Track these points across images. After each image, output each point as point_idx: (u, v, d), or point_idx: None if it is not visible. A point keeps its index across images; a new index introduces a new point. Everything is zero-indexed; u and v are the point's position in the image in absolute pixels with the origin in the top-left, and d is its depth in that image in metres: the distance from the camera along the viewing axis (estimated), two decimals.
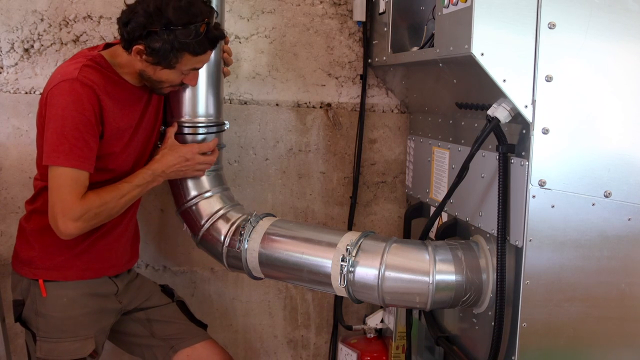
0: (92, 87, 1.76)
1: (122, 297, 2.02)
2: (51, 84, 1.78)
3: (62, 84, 1.74)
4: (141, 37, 1.74)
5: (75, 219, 1.74)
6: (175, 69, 1.81)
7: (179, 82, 1.88)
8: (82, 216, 1.74)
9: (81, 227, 1.76)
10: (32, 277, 1.90)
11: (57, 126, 1.73)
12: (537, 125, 1.57)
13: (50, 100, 1.75)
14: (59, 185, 1.74)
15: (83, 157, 1.74)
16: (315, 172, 2.53)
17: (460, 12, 1.59)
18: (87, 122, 1.74)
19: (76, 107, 1.73)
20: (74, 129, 1.72)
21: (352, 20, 2.45)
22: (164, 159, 1.93)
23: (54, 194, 1.75)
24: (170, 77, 1.84)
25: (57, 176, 1.74)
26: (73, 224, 1.74)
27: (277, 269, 1.93)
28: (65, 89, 1.73)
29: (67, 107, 1.72)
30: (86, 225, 1.78)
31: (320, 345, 2.66)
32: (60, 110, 1.73)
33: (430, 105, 2.21)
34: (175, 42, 1.73)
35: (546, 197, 1.59)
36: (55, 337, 1.88)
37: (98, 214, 1.79)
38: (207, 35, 1.78)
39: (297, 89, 2.47)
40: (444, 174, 2.03)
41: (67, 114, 1.72)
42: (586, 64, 1.58)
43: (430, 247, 1.79)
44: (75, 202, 1.74)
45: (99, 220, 1.82)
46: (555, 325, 1.66)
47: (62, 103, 1.73)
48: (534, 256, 1.61)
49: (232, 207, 2.07)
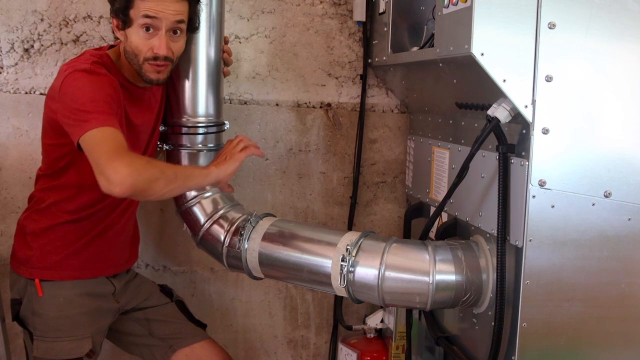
0: (108, 76, 1.75)
1: (119, 297, 2.02)
2: (62, 75, 1.73)
3: (75, 73, 1.71)
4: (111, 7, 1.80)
5: (125, 162, 1.56)
6: (133, 23, 1.76)
7: (147, 48, 1.77)
8: (133, 160, 1.58)
9: (135, 173, 1.56)
10: (28, 277, 1.90)
11: (79, 103, 1.65)
12: (537, 125, 1.57)
13: (65, 88, 1.70)
14: (96, 143, 1.60)
15: (111, 120, 1.65)
16: (315, 172, 2.53)
17: (460, 12, 1.59)
18: (108, 95, 1.70)
19: (95, 84, 1.70)
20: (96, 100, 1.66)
21: (352, 20, 2.45)
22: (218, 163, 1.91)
23: (94, 151, 1.60)
24: (135, 39, 1.77)
25: (92, 137, 1.61)
26: (125, 166, 1.55)
27: (277, 269, 1.93)
28: (80, 75, 1.71)
29: (85, 87, 1.68)
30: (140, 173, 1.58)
31: (320, 345, 2.65)
32: (79, 91, 1.68)
33: (430, 105, 2.20)
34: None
35: (546, 197, 1.59)
36: (52, 336, 1.88)
37: (149, 163, 1.65)
38: None
39: (297, 89, 2.47)
40: (444, 174, 2.03)
41: (86, 91, 1.68)
42: (586, 64, 1.58)
43: (430, 247, 1.79)
44: (121, 148, 1.59)
45: (153, 173, 1.62)
46: (555, 325, 1.65)
47: (79, 85, 1.69)
48: (534, 256, 1.61)
49: (232, 207, 2.07)
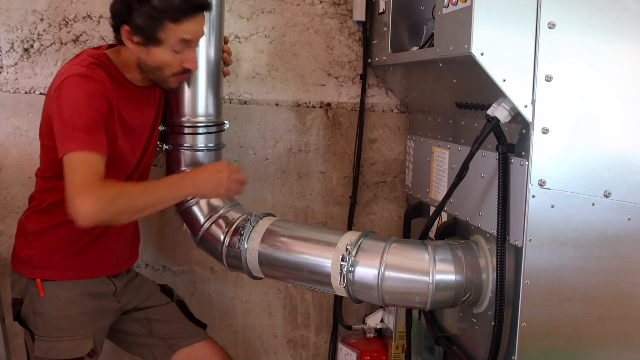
0: (102, 83, 1.75)
1: (121, 297, 2.02)
2: (59, 79, 1.76)
3: (71, 78, 1.73)
4: (124, 18, 1.74)
5: (93, 197, 1.62)
6: (164, 44, 1.77)
7: (177, 64, 1.81)
8: (99, 197, 1.63)
9: (100, 210, 1.63)
10: (30, 277, 1.90)
11: (68, 117, 1.69)
12: (537, 125, 1.57)
13: (59, 93, 1.73)
14: (73, 170, 1.66)
15: (95, 142, 1.69)
16: (315, 172, 2.53)
17: (460, 12, 1.59)
18: (98, 112, 1.72)
19: (87, 98, 1.71)
20: (85, 118, 1.69)
21: (352, 20, 2.45)
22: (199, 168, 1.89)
23: (70, 178, 1.66)
24: (164, 57, 1.79)
25: (71, 162, 1.67)
26: (90, 204, 1.61)
27: (277, 269, 1.93)
28: (75, 82, 1.72)
29: (77, 99, 1.71)
30: (105, 209, 1.64)
31: (320, 345, 2.65)
32: (71, 102, 1.71)
33: (430, 105, 2.20)
34: (153, 11, 1.71)
35: (546, 197, 1.59)
36: (53, 336, 1.88)
37: (117, 198, 1.67)
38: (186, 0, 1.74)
39: (297, 89, 2.47)
40: (444, 174, 2.03)
41: (77, 105, 1.70)
42: (586, 64, 1.58)
43: (430, 247, 1.79)
44: (91, 182, 1.64)
45: (119, 208, 1.68)
46: (555, 325, 1.65)
47: (72, 95, 1.71)
48: (534, 256, 1.61)
49: (232, 207, 2.07)
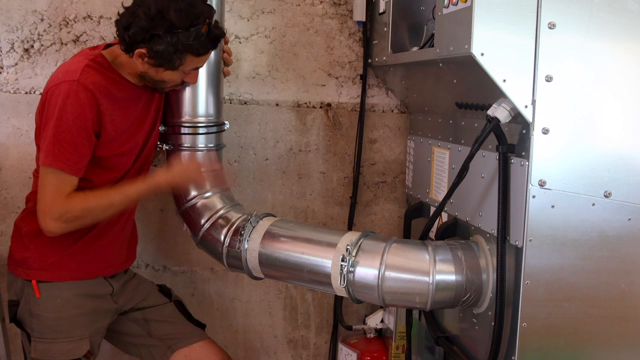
0: (93, 91, 1.76)
1: (117, 298, 2.02)
2: (52, 83, 1.78)
3: (62, 85, 1.74)
4: (143, 40, 1.73)
5: (54, 218, 1.75)
6: (178, 70, 1.82)
7: (180, 81, 1.89)
8: (61, 216, 1.76)
9: (62, 227, 1.78)
10: (25, 278, 1.90)
11: (52, 127, 1.74)
12: (537, 125, 1.57)
13: (50, 99, 1.75)
14: (44, 184, 1.77)
15: (71, 161, 1.75)
16: (315, 172, 2.53)
17: (460, 12, 1.59)
18: (81, 127, 1.75)
19: (73, 110, 1.73)
20: (67, 133, 1.73)
21: (352, 20, 2.44)
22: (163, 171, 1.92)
23: (40, 192, 1.78)
24: (173, 77, 1.85)
25: (44, 176, 1.77)
26: (52, 222, 1.76)
27: (277, 269, 1.93)
28: (65, 90, 1.74)
29: (64, 110, 1.73)
30: (67, 226, 1.79)
31: (320, 345, 2.65)
32: (57, 112, 1.73)
33: (430, 105, 2.20)
34: (178, 44, 1.73)
35: (546, 197, 1.59)
36: (49, 337, 1.88)
37: (80, 217, 1.79)
38: (208, 36, 1.78)
39: (297, 89, 2.47)
40: (444, 174, 2.03)
41: (63, 116, 1.73)
42: (586, 64, 1.58)
43: (430, 247, 1.79)
44: (56, 202, 1.75)
45: (83, 222, 1.83)
46: (555, 325, 1.65)
47: (60, 105, 1.73)
48: (534, 256, 1.61)
49: (232, 207, 2.07)
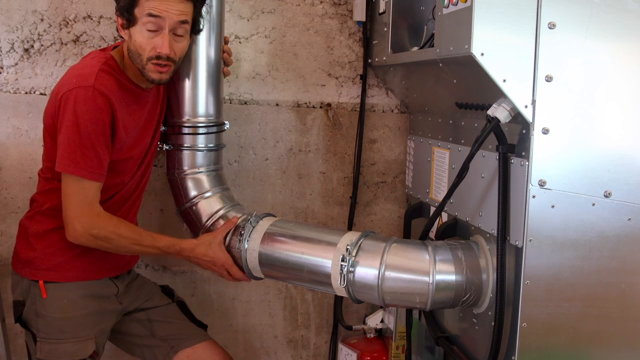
0: (108, 96, 1.76)
1: (122, 298, 2.02)
2: (66, 86, 1.76)
3: (78, 90, 1.74)
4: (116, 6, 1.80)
5: (84, 226, 1.77)
6: (138, 21, 1.76)
7: (150, 48, 1.78)
8: (92, 228, 1.78)
9: (88, 239, 1.80)
10: (32, 278, 1.90)
11: (71, 134, 1.74)
12: (537, 125, 1.57)
13: (65, 104, 1.74)
14: (68, 193, 1.78)
15: (93, 167, 1.76)
16: (315, 172, 2.53)
17: (460, 12, 1.59)
18: (100, 132, 1.75)
19: (91, 117, 1.74)
20: (86, 139, 1.74)
21: (352, 20, 2.45)
22: (198, 249, 1.93)
23: (67, 199, 1.79)
24: (139, 38, 1.78)
25: (66, 184, 1.78)
26: (81, 229, 1.77)
27: (277, 269, 1.93)
28: (82, 96, 1.73)
29: (82, 116, 1.73)
30: (94, 241, 1.80)
31: (320, 345, 2.66)
32: (75, 118, 1.73)
33: (430, 105, 2.20)
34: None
35: (546, 197, 1.59)
36: (55, 338, 1.88)
37: (108, 238, 1.81)
38: None
39: (297, 89, 2.47)
40: (444, 174, 2.03)
41: (81, 123, 1.73)
42: (586, 64, 1.58)
43: (430, 247, 1.79)
44: (82, 210, 1.77)
45: (107, 246, 1.83)
46: (555, 325, 1.66)
47: (77, 111, 1.73)
48: (534, 256, 1.61)
49: (232, 207, 2.07)
